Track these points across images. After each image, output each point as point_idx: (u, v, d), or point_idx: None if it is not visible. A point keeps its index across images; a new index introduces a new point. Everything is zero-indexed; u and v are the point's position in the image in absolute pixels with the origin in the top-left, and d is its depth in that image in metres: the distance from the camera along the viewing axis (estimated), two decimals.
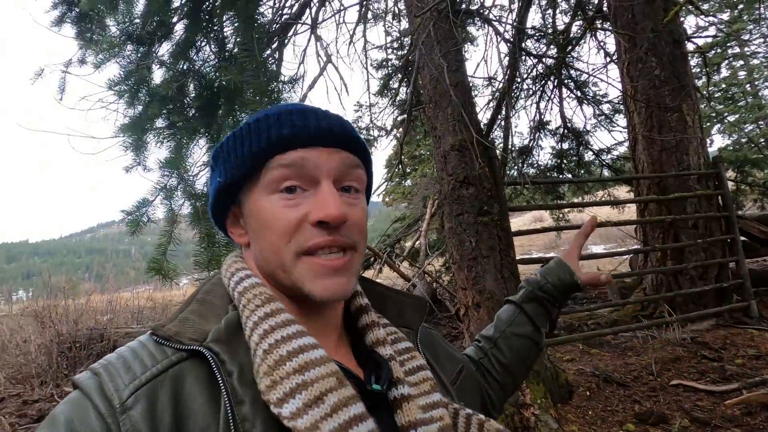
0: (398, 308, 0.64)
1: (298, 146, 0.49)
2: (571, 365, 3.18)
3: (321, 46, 3.33)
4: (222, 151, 0.54)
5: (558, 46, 5.55)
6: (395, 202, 13.86)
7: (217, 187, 0.53)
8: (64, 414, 0.41)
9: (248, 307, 0.48)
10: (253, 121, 0.52)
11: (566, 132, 6.88)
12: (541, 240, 17.61)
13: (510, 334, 0.80)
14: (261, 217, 0.50)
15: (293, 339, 0.45)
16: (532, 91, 6.81)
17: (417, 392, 0.52)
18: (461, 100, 2.58)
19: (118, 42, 1.92)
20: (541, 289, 0.82)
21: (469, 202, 2.60)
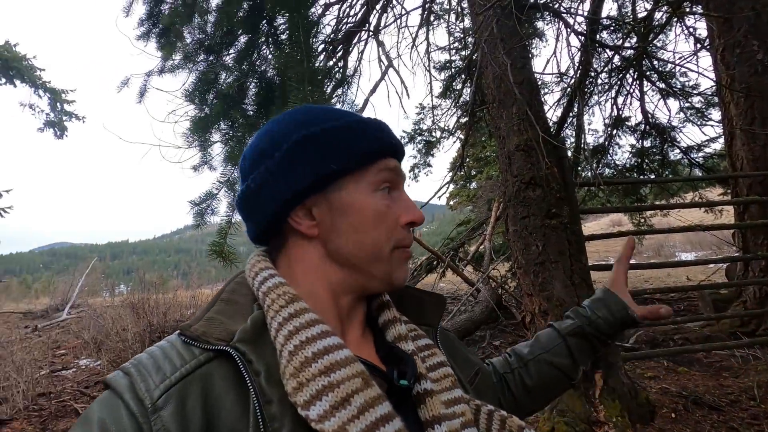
0: (418, 306, 0.65)
1: (392, 155, 0.57)
2: (653, 383, 2.89)
3: (382, 51, 3.38)
4: (322, 141, 0.53)
5: (638, 36, 5.11)
6: (459, 205, 13.61)
7: (320, 174, 0.52)
8: (97, 413, 0.41)
9: (273, 307, 0.49)
10: (362, 122, 0.56)
11: (648, 128, 6.30)
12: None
13: (544, 360, 0.77)
14: (366, 211, 0.53)
15: (318, 340, 0.46)
16: (609, 86, 6.34)
17: (439, 388, 0.53)
18: (527, 98, 2.48)
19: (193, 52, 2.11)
20: (590, 324, 0.76)
21: (536, 204, 2.48)
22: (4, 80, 10.60)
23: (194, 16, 2.12)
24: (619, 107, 6.30)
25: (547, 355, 0.77)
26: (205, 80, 2.17)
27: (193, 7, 2.09)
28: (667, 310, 0.76)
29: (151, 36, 2.38)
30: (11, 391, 3.55)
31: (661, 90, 5.58)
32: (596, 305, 0.78)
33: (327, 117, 0.56)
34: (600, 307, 0.77)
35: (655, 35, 5.38)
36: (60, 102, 11.23)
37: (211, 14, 2.17)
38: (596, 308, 0.78)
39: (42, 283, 17.22)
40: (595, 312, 0.77)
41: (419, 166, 6.88)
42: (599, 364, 2.28)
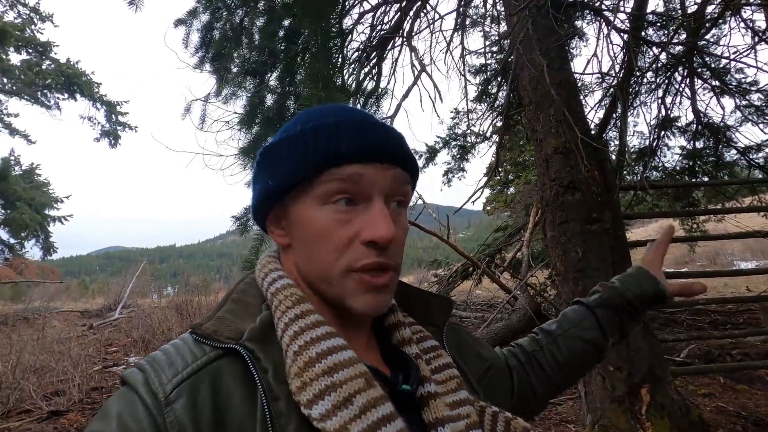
0: (424, 307, 0.64)
1: (355, 161, 0.49)
2: (708, 401, 2.70)
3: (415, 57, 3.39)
4: (273, 153, 0.53)
5: (688, 31, 4.83)
6: (496, 210, 13.34)
7: (265, 191, 0.53)
8: (114, 407, 0.43)
9: (280, 308, 0.49)
10: (310, 128, 0.50)
11: (700, 128, 5.92)
12: (670, 253, 15.33)
13: (573, 335, 0.77)
14: (311, 227, 0.50)
15: (322, 340, 0.46)
16: (656, 85, 6.02)
17: (443, 390, 0.52)
18: (565, 99, 2.40)
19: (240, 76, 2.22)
20: (619, 296, 0.77)
21: (575, 209, 2.38)
22: (67, 95, 11.49)
23: (242, 38, 2.24)
24: (667, 107, 5.95)
25: (576, 329, 0.77)
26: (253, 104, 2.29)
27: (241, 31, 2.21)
28: (701, 285, 0.76)
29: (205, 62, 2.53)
30: (68, 385, 3.80)
31: (714, 88, 5.24)
32: (625, 278, 0.79)
33: (290, 126, 0.53)
34: (629, 280, 0.78)
35: (706, 30, 5.06)
36: (115, 114, 12.05)
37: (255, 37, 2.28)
38: (625, 281, 0.79)
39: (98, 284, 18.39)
40: (624, 284, 0.78)
41: (453, 171, 6.79)
42: (646, 379, 2.16)
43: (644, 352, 2.20)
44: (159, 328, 5.74)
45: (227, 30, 2.28)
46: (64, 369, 4.11)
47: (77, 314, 9.55)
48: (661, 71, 5.55)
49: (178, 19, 2.46)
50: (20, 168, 12.18)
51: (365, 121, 0.52)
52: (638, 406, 2.12)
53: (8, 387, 3.55)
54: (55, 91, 11.40)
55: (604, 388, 2.20)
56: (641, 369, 2.16)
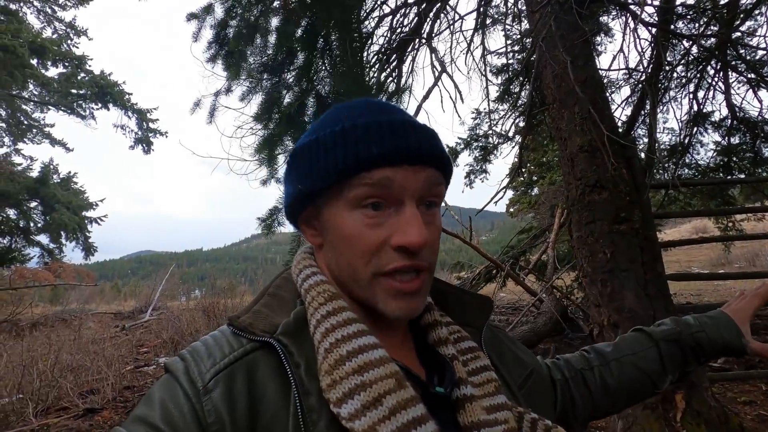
0: (462, 307, 0.62)
1: (385, 165, 0.47)
2: (748, 409, 2.57)
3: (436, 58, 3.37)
4: (302, 156, 0.52)
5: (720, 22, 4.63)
6: (520, 212, 13.11)
7: (296, 194, 0.52)
8: (157, 394, 0.45)
9: (312, 304, 0.49)
10: (339, 130, 0.49)
11: (735, 123, 5.66)
12: (705, 254, 14.70)
13: (629, 362, 0.71)
14: (341, 231, 0.49)
15: (353, 339, 0.46)
16: (686, 79, 5.79)
17: (480, 393, 0.50)
18: (590, 96, 2.34)
19: (256, 72, 2.25)
20: (691, 336, 0.71)
21: (602, 209, 2.32)
22: (100, 105, 11.99)
23: (256, 37, 2.27)
24: (699, 102, 5.73)
25: (635, 357, 0.72)
26: (269, 100, 2.32)
27: (256, 29, 2.24)
28: None
29: (218, 58, 2.58)
30: (103, 383, 3.94)
31: (750, 81, 5.01)
32: (703, 319, 0.72)
33: (326, 122, 0.52)
34: (707, 322, 0.72)
35: (741, 21, 4.84)
36: (146, 121, 12.50)
37: (272, 35, 2.32)
38: (702, 322, 0.72)
39: (130, 287, 19.07)
40: (700, 324, 0.72)
41: (476, 172, 6.72)
42: (680, 384, 2.07)
43: None
44: (187, 329, 5.89)
45: (242, 27, 2.32)
46: (98, 368, 4.26)
47: (111, 316, 9.92)
48: (692, 65, 5.35)
49: (191, 14, 2.51)
50: (58, 176, 12.76)
51: (396, 120, 0.49)
52: (672, 412, 2.04)
53: (47, 385, 3.71)
54: (89, 102, 11.93)
55: None
56: None
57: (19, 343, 5.19)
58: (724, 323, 0.71)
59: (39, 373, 3.80)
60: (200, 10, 2.46)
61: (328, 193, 0.49)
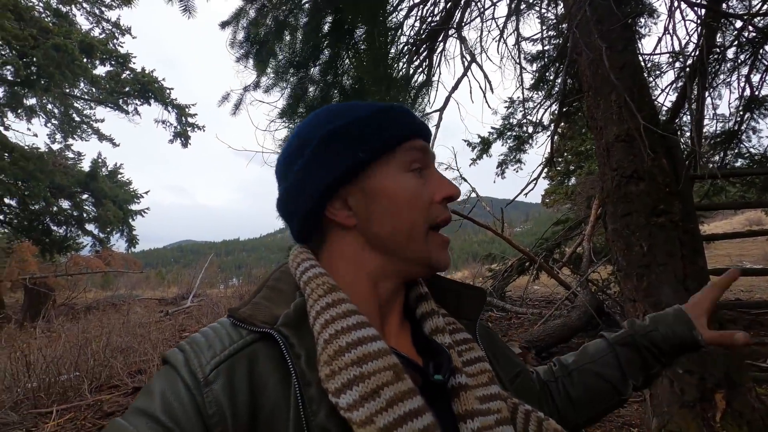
0: (456, 299, 0.64)
1: (420, 137, 0.57)
2: None
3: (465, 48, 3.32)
4: (347, 134, 0.55)
5: None
6: (556, 203, 12.73)
7: (347, 166, 0.54)
8: (158, 386, 0.45)
9: (312, 296, 0.50)
10: (383, 109, 0.57)
11: None
12: (759, 248, 13.77)
13: (589, 371, 0.72)
14: (401, 191, 0.54)
15: (353, 330, 0.47)
16: (740, 61, 5.40)
17: (474, 383, 0.52)
18: (627, 83, 2.24)
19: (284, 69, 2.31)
20: (645, 336, 0.71)
21: (639, 200, 2.23)
22: (142, 101, 12.57)
23: (285, 32, 2.32)
24: (753, 86, 5.33)
25: (593, 365, 0.72)
26: (294, 96, 2.37)
27: (284, 25, 2.29)
28: (744, 336, 0.66)
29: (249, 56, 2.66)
30: (149, 364, 4.20)
31: None
32: (659, 318, 0.73)
33: (349, 110, 0.57)
34: (662, 321, 0.71)
35: None
36: (185, 116, 13.00)
37: (300, 31, 2.37)
38: (657, 321, 0.72)
39: (173, 275, 20.04)
40: (654, 323, 0.72)
41: (509, 162, 6.57)
42: (721, 384, 1.98)
43: (719, 355, 2.03)
44: None
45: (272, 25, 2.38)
46: (144, 350, 4.55)
47: (155, 302, 10.49)
48: (746, 46, 4.99)
49: (224, 22, 2.60)
50: (106, 169, 13.54)
51: (410, 110, 0.61)
52: (712, 413, 1.96)
53: (100, 364, 4.00)
54: (133, 98, 12.54)
55: (672, 392, 2.05)
56: (715, 373, 1.99)
57: (75, 325, 5.60)
58: (678, 318, 0.70)
59: (93, 353, 4.10)
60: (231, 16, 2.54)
61: (379, 161, 0.55)
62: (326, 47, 2.32)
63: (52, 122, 12.74)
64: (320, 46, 2.33)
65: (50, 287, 9.19)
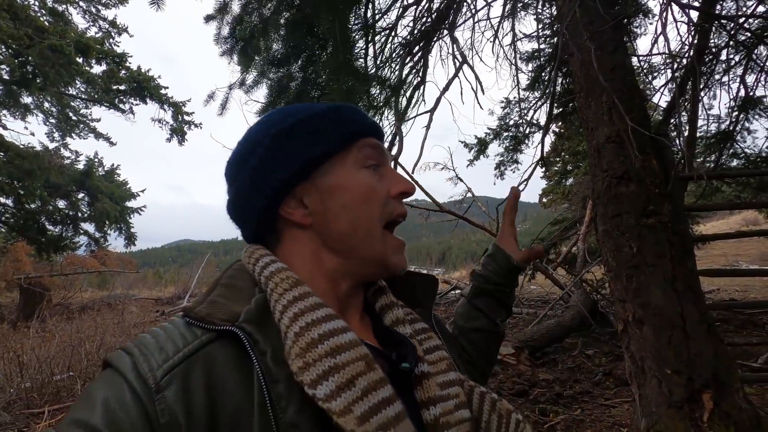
0: (409, 289, 0.66)
1: (373, 135, 0.59)
2: None
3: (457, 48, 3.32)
4: (300, 131, 0.55)
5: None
6: (554, 203, 12.75)
7: (300, 164, 0.54)
8: (100, 393, 0.41)
9: (276, 290, 0.49)
10: (336, 107, 0.58)
11: None
12: (755, 248, 13.83)
13: (467, 329, 0.81)
14: (357, 187, 0.55)
15: (324, 322, 0.46)
16: (735, 62, 5.41)
17: (435, 370, 0.54)
18: (617, 85, 2.25)
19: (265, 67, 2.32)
20: (486, 281, 0.82)
21: (629, 201, 2.24)
22: (138, 100, 12.54)
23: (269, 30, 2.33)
24: (748, 86, 5.35)
25: (466, 324, 0.82)
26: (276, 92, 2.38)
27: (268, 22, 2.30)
28: (536, 245, 0.80)
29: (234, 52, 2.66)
30: None
31: None
32: (487, 261, 0.84)
33: (302, 109, 0.58)
34: (490, 262, 0.83)
35: None
36: (180, 114, 12.97)
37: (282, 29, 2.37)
38: (486, 263, 0.84)
39: (170, 275, 20.01)
40: (486, 267, 0.83)
41: (506, 163, 6.58)
42: (709, 384, 1.99)
43: (707, 355, 2.03)
44: None
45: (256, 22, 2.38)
46: None
47: (152, 301, 10.48)
48: (741, 47, 5.00)
49: (208, 15, 2.59)
50: (103, 169, 13.50)
51: (356, 106, 0.62)
52: (699, 413, 1.97)
53: (94, 365, 3.99)
54: (129, 97, 12.50)
55: (661, 392, 2.06)
56: (703, 374, 2.00)
57: (70, 325, 5.59)
58: (499, 254, 0.82)
59: (86, 353, 4.09)
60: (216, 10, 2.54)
61: (333, 159, 0.56)
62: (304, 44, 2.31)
63: (49, 121, 12.71)
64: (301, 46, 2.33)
65: (45, 287, 9.17)
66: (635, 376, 2.19)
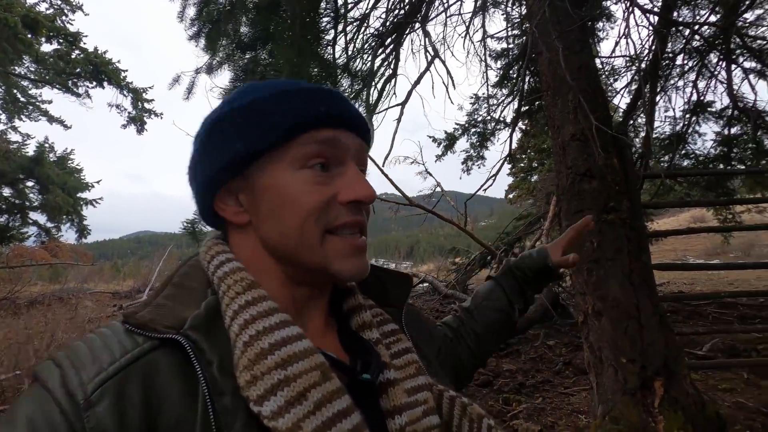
0: (382, 287, 0.62)
1: (331, 126, 0.49)
2: (728, 396, 2.62)
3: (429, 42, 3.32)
4: (234, 118, 0.49)
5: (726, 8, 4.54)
6: (519, 198, 13.11)
7: (229, 158, 0.48)
8: (24, 410, 0.37)
9: (228, 293, 0.45)
10: (283, 91, 0.49)
11: (737, 114, 5.62)
12: (701, 244, 14.76)
13: (485, 306, 0.84)
14: (288, 190, 0.47)
15: (276, 330, 0.42)
16: (688, 68, 5.72)
17: (402, 375, 0.51)
18: (582, 85, 2.32)
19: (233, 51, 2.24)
20: (517, 267, 0.87)
21: (592, 198, 2.32)
22: (95, 83, 11.84)
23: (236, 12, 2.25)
24: (700, 91, 5.66)
25: (487, 301, 0.85)
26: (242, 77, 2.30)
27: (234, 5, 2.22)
28: (574, 257, 0.84)
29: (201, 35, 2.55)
30: None
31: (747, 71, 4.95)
32: (526, 253, 0.89)
33: (250, 91, 0.51)
34: (528, 255, 0.88)
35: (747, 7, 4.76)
36: (141, 101, 12.35)
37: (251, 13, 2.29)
38: (524, 255, 0.89)
39: (129, 268, 19.16)
40: (522, 258, 0.88)
41: (473, 159, 6.69)
42: (660, 372, 2.11)
43: (659, 344, 2.15)
44: None
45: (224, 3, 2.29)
46: None
47: (108, 295, 10.00)
48: (694, 53, 5.28)
49: None
50: (54, 155, 12.69)
51: (334, 90, 0.52)
52: (651, 399, 2.08)
53: None
54: (84, 80, 11.77)
55: (616, 380, 2.16)
56: (655, 362, 2.11)
57: (16, 320, 5.25)
58: (539, 252, 0.86)
59: (35, 350, 3.86)
60: None
61: (269, 155, 0.48)
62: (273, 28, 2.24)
63: None
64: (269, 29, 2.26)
65: None
66: (593, 365, 2.29)
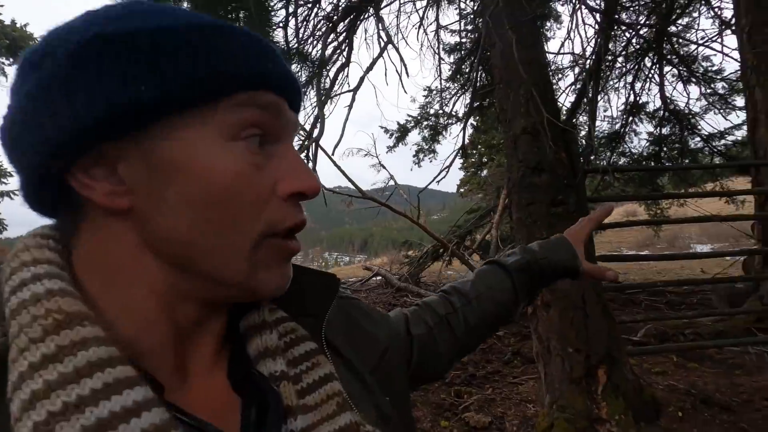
0: (299, 293, 0.44)
1: (276, 89, 0.35)
2: (660, 379, 2.78)
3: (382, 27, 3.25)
4: (134, 46, 0.30)
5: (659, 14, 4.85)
6: (470, 192, 13.44)
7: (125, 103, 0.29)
8: None
9: (19, 340, 0.26)
10: (212, 25, 0.33)
11: (667, 115, 6.05)
12: (633, 237, 15.92)
13: (488, 297, 0.71)
14: (213, 174, 0.32)
15: (102, 399, 0.25)
16: (626, 70, 6.08)
17: (318, 418, 0.36)
18: (534, 78, 2.33)
19: None
20: (536, 263, 0.72)
21: (542, 191, 2.35)
22: (11, 60, 10.65)
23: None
24: (636, 93, 6.04)
25: (492, 292, 0.71)
26: None
27: None
28: (613, 274, 0.73)
29: None
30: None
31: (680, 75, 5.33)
32: (548, 246, 0.75)
33: (150, 14, 0.32)
34: (551, 250, 0.74)
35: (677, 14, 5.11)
36: None
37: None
38: (547, 249, 0.74)
39: None
40: (545, 253, 0.73)
41: (424, 152, 6.73)
42: (603, 360, 2.18)
43: (603, 334, 2.23)
44: None
45: None
46: None
47: None
48: (632, 56, 5.60)
49: None
50: None
51: (277, 49, 0.37)
52: (595, 387, 2.15)
53: None
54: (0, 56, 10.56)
55: (563, 369, 2.22)
56: (599, 351, 2.18)
57: None
58: (564, 247, 0.74)
59: None
60: None
61: (185, 112, 0.31)
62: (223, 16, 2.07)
63: None
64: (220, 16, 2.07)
65: None
66: (542, 355, 2.33)
